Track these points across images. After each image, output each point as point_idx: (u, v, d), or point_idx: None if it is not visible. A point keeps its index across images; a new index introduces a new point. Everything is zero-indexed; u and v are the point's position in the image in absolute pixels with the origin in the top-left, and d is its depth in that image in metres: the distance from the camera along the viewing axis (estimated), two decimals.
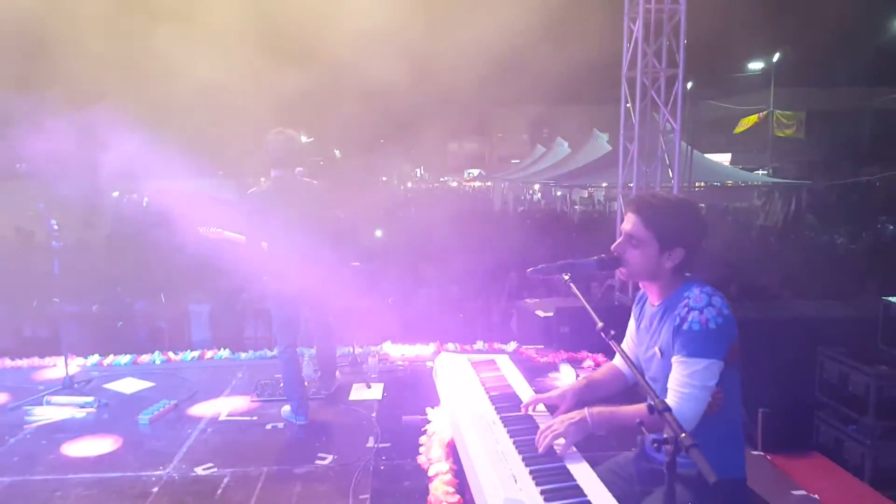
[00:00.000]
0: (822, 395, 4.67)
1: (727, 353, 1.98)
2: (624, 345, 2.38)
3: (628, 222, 2.12)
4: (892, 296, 4.76)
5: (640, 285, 2.24)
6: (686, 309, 2.00)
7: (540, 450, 2.07)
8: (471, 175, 49.03)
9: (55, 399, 4.26)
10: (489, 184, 36.42)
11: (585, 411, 2.09)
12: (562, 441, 2.07)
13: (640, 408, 1.93)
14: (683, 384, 1.96)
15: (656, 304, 2.16)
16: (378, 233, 12.54)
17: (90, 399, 4.24)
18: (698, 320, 1.96)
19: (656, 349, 2.11)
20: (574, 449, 2.08)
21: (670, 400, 1.97)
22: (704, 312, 1.97)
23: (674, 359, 2.01)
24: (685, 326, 1.98)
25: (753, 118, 22.54)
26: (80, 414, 4.12)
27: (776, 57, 27.60)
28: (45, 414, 4.10)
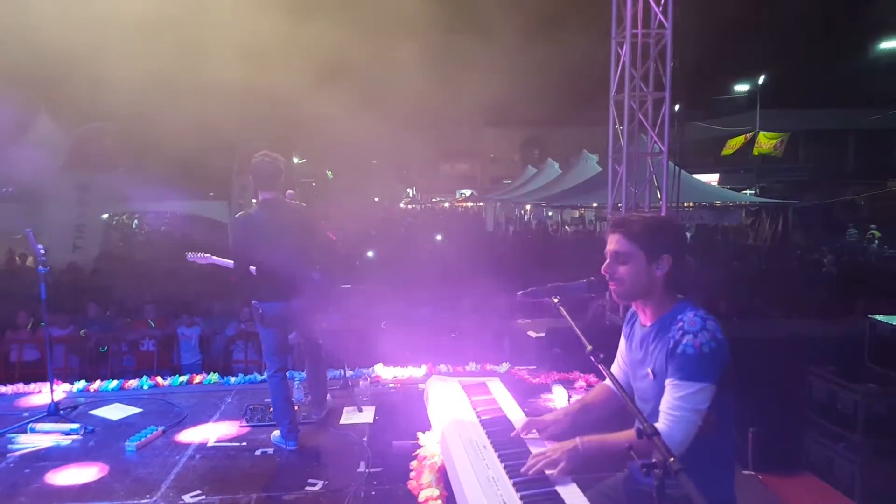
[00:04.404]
0: (812, 414, 4.69)
1: (720, 378, 1.98)
2: (615, 364, 2.39)
3: (612, 242, 2.15)
4: (879, 314, 4.81)
5: (634, 306, 2.25)
6: (680, 332, 2.01)
7: (530, 472, 2.06)
8: (463, 195, 49.25)
9: (40, 426, 4.18)
10: (481, 204, 36.55)
11: (577, 440, 2.09)
12: (553, 470, 2.06)
13: (630, 433, 1.93)
14: (675, 407, 1.97)
15: (648, 324, 2.17)
16: (370, 253, 12.55)
17: (76, 426, 4.17)
18: (692, 344, 1.97)
19: (648, 370, 2.12)
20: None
21: (661, 423, 1.97)
22: (699, 336, 1.98)
23: (667, 381, 2.02)
24: (678, 350, 1.99)
25: (741, 139, 22.82)
26: (65, 441, 4.05)
27: (761, 79, 28.09)
28: (29, 441, 4.03)
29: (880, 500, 4.02)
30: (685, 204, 14.85)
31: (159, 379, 5.26)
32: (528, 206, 25.10)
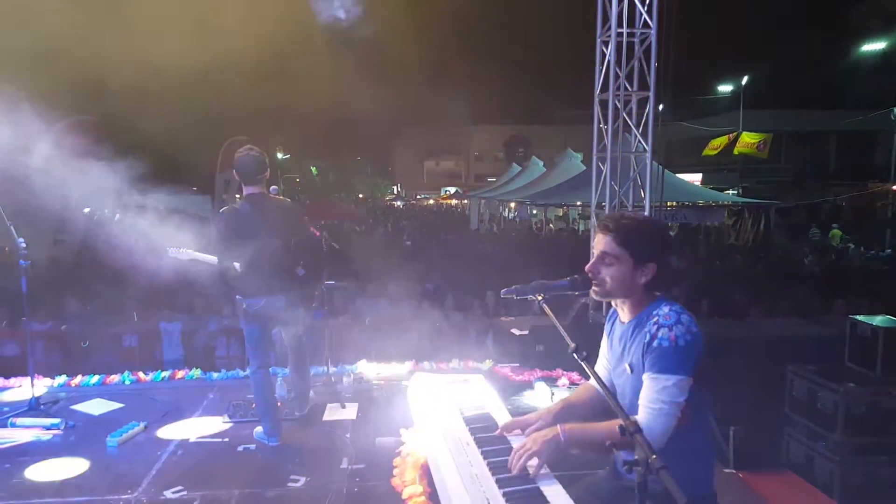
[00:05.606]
0: (792, 413, 4.75)
1: (695, 371, 2.01)
2: (599, 363, 2.40)
3: (601, 242, 2.15)
4: (859, 314, 4.88)
5: (613, 304, 2.27)
6: (656, 326, 2.03)
7: (514, 471, 2.07)
8: (448, 193, 49.27)
9: (20, 421, 4.14)
10: (466, 202, 36.55)
11: (558, 428, 2.10)
12: (535, 461, 2.07)
13: (611, 425, 1.92)
14: (653, 400, 2.00)
15: (626, 321, 2.19)
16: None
17: (57, 421, 4.13)
18: (668, 337, 2.00)
19: (626, 366, 2.15)
20: (547, 469, 2.08)
21: (641, 416, 1.99)
22: (674, 329, 2.00)
23: (644, 375, 2.04)
24: (654, 343, 2.01)
25: (724, 139, 23.05)
26: (45, 436, 4.00)
27: (745, 80, 28.37)
28: (9, 436, 3.98)
29: (859, 498, 4.09)
30: (668, 203, 14.99)
31: (141, 374, 5.21)
32: (512, 204, 25.17)
